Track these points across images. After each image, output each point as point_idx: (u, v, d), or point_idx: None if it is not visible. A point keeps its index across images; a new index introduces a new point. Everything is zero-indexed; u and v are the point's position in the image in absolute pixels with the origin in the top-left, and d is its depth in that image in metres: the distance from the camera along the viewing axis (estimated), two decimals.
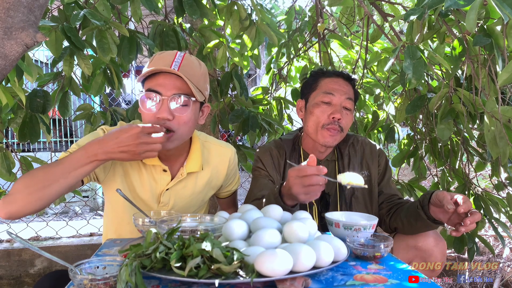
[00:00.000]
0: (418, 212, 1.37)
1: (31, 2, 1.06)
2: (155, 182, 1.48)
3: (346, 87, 1.64)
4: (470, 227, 1.20)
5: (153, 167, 1.47)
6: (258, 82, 7.53)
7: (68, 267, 0.89)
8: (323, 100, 1.61)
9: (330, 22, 2.72)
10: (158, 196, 1.49)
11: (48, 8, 1.95)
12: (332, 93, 1.61)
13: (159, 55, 1.36)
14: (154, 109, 1.32)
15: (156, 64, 1.32)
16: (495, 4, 1.21)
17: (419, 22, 1.58)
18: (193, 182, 1.52)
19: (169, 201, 1.50)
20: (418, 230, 1.46)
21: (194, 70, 1.36)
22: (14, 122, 1.93)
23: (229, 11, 2.11)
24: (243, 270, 0.87)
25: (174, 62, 1.31)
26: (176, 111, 1.32)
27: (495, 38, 1.44)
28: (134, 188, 1.47)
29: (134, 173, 1.47)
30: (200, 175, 1.53)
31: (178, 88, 1.32)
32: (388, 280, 0.93)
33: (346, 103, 1.62)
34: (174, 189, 1.49)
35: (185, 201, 1.53)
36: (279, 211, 1.22)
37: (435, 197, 1.31)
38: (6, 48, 1.04)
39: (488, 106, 1.50)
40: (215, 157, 1.57)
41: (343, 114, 1.60)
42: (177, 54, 1.35)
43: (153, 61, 1.35)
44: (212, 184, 1.59)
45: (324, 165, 1.66)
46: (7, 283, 2.55)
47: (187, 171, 1.48)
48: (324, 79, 1.66)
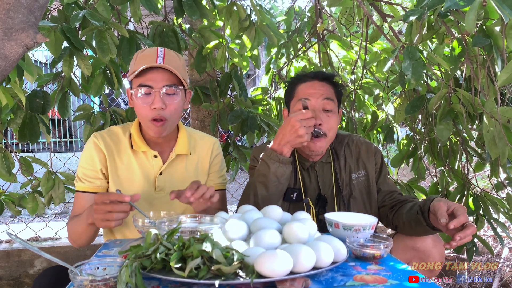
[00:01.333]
0: (418, 217, 1.37)
1: (31, 3, 1.06)
2: (147, 168, 1.56)
3: (323, 88, 1.59)
4: (462, 241, 1.18)
5: (143, 154, 1.56)
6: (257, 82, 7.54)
7: (68, 268, 0.89)
8: (300, 108, 1.56)
9: (330, 23, 2.73)
10: (153, 181, 1.57)
11: (48, 8, 1.95)
12: (308, 98, 1.56)
13: (141, 55, 1.47)
14: (148, 102, 1.44)
15: (142, 62, 1.43)
16: (495, 4, 1.21)
17: (418, 22, 1.58)
18: (183, 165, 1.62)
19: (165, 185, 1.58)
20: (417, 233, 1.45)
21: (176, 62, 1.48)
22: (14, 123, 1.93)
23: (229, 11, 2.12)
24: (243, 271, 0.87)
25: (158, 57, 1.43)
26: (168, 100, 1.45)
27: (494, 39, 1.44)
28: (127, 178, 1.55)
29: (122, 165, 1.55)
30: (188, 160, 1.63)
31: (166, 80, 1.44)
32: (387, 281, 0.93)
33: (325, 104, 1.56)
34: (167, 172, 1.58)
35: (179, 184, 1.58)
36: (279, 212, 1.22)
37: (432, 207, 1.29)
38: (6, 49, 1.04)
39: (487, 106, 1.50)
40: (200, 144, 1.68)
41: (324, 118, 1.55)
42: (158, 50, 1.46)
43: (137, 61, 1.45)
44: (200, 169, 1.66)
45: (320, 167, 1.67)
46: (6, 283, 2.55)
47: (176, 153, 1.59)
48: (300, 85, 1.63)
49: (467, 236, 1.17)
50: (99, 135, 1.55)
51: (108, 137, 1.56)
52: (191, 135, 1.68)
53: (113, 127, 1.61)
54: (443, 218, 1.20)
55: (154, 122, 1.45)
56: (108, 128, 1.60)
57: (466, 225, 1.20)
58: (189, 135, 1.66)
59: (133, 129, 1.56)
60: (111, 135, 1.57)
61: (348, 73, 2.75)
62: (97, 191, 1.52)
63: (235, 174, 2.50)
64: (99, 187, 1.53)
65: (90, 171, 1.52)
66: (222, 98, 2.34)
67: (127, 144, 1.56)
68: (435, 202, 1.29)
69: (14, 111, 1.94)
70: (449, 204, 1.26)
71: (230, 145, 2.44)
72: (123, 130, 1.59)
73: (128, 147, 1.55)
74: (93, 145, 1.53)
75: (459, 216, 1.19)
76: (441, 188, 2.22)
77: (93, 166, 1.52)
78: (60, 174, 2.11)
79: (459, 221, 1.18)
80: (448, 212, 1.24)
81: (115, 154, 1.55)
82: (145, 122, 1.48)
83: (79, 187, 1.53)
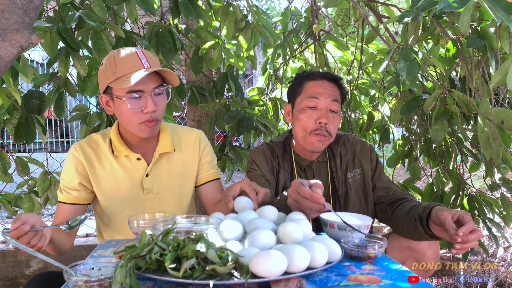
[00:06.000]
0: (416, 224, 1.36)
1: (26, 3, 1.06)
2: (131, 171, 1.55)
3: (331, 89, 1.60)
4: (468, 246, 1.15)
5: (126, 158, 1.54)
6: (254, 82, 7.54)
7: (62, 269, 0.89)
8: (308, 105, 1.58)
9: (326, 23, 2.73)
10: (140, 184, 1.56)
11: (44, 8, 1.94)
12: (317, 97, 1.57)
13: (120, 58, 1.40)
14: (141, 107, 1.40)
15: (126, 67, 1.38)
16: (488, 6, 1.22)
17: (413, 23, 1.59)
18: (168, 163, 1.60)
19: (153, 187, 1.56)
20: (415, 238, 1.45)
21: (156, 61, 1.47)
22: (10, 123, 1.93)
23: (225, 12, 2.12)
24: (238, 271, 0.88)
25: (142, 61, 1.40)
26: (158, 100, 1.44)
27: (488, 40, 1.45)
28: (111, 185, 1.54)
29: (105, 172, 1.54)
30: (173, 156, 1.61)
31: (154, 81, 1.42)
32: (382, 281, 0.94)
33: (332, 105, 1.58)
34: (153, 173, 1.57)
35: (166, 184, 1.59)
36: (274, 212, 1.22)
37: (435, 217, 1.27)
38: (0, 50, 1.04)
39: (482, 107, 1.51)
40: (185, 139, 1.65)
41: (330, 118, 1.56)
42: (138, 53, 1.42)
43: (119, 66, 1.38)
44: (188, 164, 1.64)
45: (316, 167, 1.68)
46: (2, 284, 2.54)
47: (159, 152, 1.56)
48: (308, 82, 1.63)
49: (473, 241, 1.15)
50: (78, 146, 1.53)
51: (88, 146, 1.54)
52: (174, 130, 1.65)
53: (93, 135, 1.58)
54: (453, 230, 1.17)
55: (147, 123, 1.43)
56: (88, 137, 1.58)
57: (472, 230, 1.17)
58: (172, 131, 1.64)
59: (113, 135, 1.53)
60: (91, 143, 1.55)
61: (344, 74, 2.76)
62: (75, 202, 1.53)
63: (231, 175, 2.51)
64: (77, 198, 1.53)
65: (68, 183, 1.52)
66: (218, 99, 2.34)
67: (107, 150, 1.53)
68: (438, 212, 1.26)
69: (10, 111, 1.94)
70: (453, 212, 1.23)
71: (226, 146, 2.44)
72: (103, 137, 1.56)
73: (108, 153, 1.53)
74: (72, 158, 1.52)
75: (467, 223, 1.17)
76: (437, 188, 2.23)
77: (71, 178, 1.51)
78: (57, 174, 2.11)
79: (468, 228, 1.15)
80: (453, 220, 1.21)
81: (95, 162, 1.53)
82: (135, 126, 1.44)
83: (60, 198, 1.54)
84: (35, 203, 2.11)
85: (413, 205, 1.46)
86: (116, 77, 1.38)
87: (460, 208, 2.08)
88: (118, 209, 1.55)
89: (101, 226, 1.64)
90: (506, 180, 1.94)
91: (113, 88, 1.41)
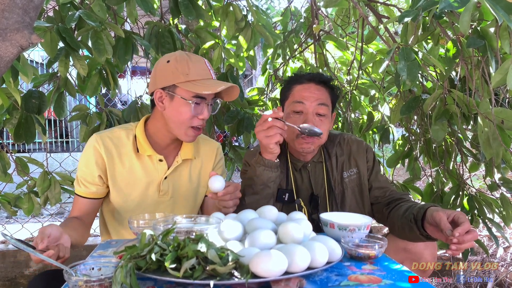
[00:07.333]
0: (411, 225, 1.36)
1: (26, 3, 1.06)
2: (151, 172, 1.55)
3: (318, 92, 1.58)
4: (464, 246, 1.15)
5: (148, 157, 1.54)
6: (254, 82, 7.54)
7: (63, 269, 0.89)
8: (294, 110, 1.57)
9: (326, 24, 2.73)
10: (157, 185, 1.56)
11: (44, 8, 1.94)
12: (302, 101, 1.56)
13: (193, 64, 1.43)
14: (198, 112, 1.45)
15: (199, 74, 1.43)
16: (489, 6, 1.22)
17: (413, 23, 1.59)
18: (188, 170, 1.62)
19: (168, 189, 1.57)
20: (410, 239, 1.44)
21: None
22: (10, 123, 1.93)
23: (225, 12, 2.12)
24: (238, 271, 0.88)
25: (211, 71, 1.47)
26: (210, 110, 1.50)
27: (488, 40, 1.45)
28: (128, 182, 1.54)
29: (124, 169, 1.53)
30: (193, 164, 1.63)
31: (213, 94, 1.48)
32: (382, 281, 0.94)
33: (319, 109, 1.56)
34: (172, 177, 1.58)
35: (183, 189, 1.60)
36: (275, 212, 1.22)
37: (430, 218, 1.28)
38: (0, 49, 1.04)
39: (482, 107, 1.51)
40: (203, 148, 1.68)
41: (316, 122, 1.55)
42: (206, 63, 1.47)
43: (192, 70, 1.42)
44: (203, 174, 1.66)
45: (312, 167, 1.68)
46: (2, 284, 2.54)
47: (182, 158, 1.58)
48: (296, 86, 1.62)
49: (469, 241, 1.15)
50: (100, 139, 1.50)
51: (110, 140, 1.51)
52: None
53: (116, 129, 1.56)
54: (448, 230, 1.17)
55: (193, 129, 1.46)
56: (110, 130, 1.56)
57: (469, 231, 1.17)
58: None
59: (139, 133, 1.53)
60: (113, 138, 1.52)
61: (344, 74, 2.76)
62: (93, 197, 1.52)
63: (231, 175, 2.51)
64: (95, 193, 1.52)
65: (88, 176, 1.50)
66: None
67: (130, 147, 1.52)
68: (433, 212, 1.26)
69: (10, 111, 1.94)
70: (448, 212, 1.23)
71: (226, 146, 2.44)
72: (126, 133, 1.54)
73: (131, 150, 1.52)
74: (93, 150, 1.49)
75: (463, 223, 1.17)
76: (436, 188, 2.23)
77: (91, 171, 1.50)
78: (56, 174, 2.11)
79: (464, 228, 1.15)
80: (449, 221, 1.22)
81: (116, 158, 1.51)
82: (183, 128, 1.46)
83: (77, 190, 1.52)
84: (35, 203, 2.11)
85: (408, 205, 1.45)
86: (188, 79, 1.41)
87: (460, 208, 2.08)
88: (131, 207, 1.55)
89: (109, 222, 1.62)
90: (506, 180, 1.94)
91: (178, 88, 1.42)
